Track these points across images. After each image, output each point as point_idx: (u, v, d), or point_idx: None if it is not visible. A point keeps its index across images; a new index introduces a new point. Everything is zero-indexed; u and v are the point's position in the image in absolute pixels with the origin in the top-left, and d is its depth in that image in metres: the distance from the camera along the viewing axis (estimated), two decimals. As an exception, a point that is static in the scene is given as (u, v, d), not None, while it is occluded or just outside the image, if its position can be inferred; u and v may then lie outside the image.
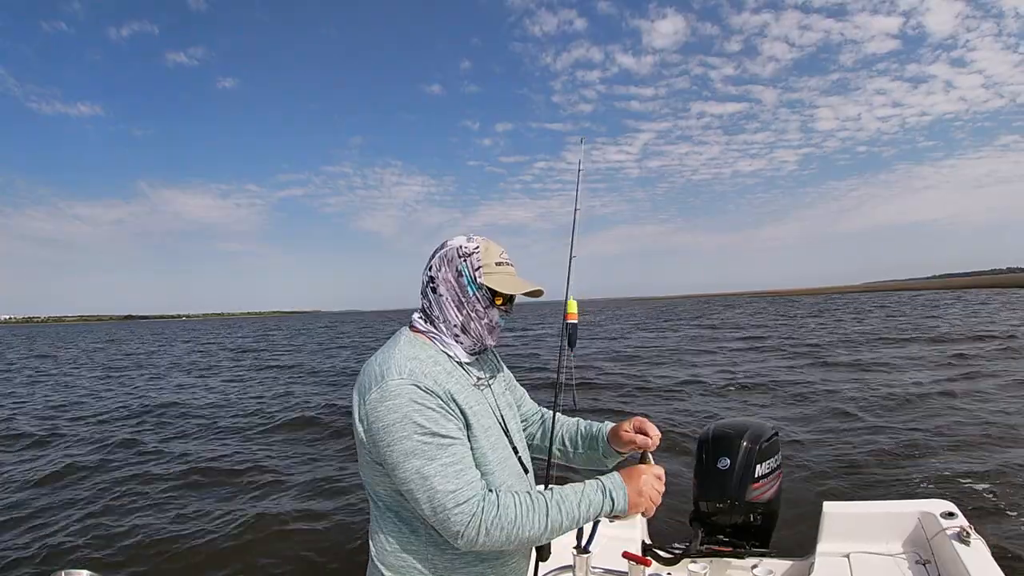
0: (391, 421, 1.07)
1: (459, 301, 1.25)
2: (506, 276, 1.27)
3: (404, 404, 1.07)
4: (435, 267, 1.27)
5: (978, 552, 1.94)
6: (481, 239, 1.29)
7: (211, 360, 21.28)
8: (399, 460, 1.06)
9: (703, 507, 2.46)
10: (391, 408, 1.07)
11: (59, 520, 4.87)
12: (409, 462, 1.06)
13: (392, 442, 1.06)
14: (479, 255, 1.26)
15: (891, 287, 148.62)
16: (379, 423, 1.07)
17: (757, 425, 2.60)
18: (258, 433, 8.07)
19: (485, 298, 1.25)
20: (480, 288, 1.24)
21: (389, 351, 1.18)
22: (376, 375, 1.11)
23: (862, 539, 2.27)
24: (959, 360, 10.98)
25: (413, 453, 1.06)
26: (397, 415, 1.06)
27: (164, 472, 6.17)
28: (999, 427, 5.97)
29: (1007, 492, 4.14)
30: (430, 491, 1.06)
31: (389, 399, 1.07)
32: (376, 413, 1.08)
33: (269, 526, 4.53)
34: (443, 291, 1.25)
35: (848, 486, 4.51)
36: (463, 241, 1.28)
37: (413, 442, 1.06)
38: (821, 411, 7.28)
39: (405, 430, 1.06)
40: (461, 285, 1.25)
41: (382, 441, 1.07)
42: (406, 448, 1.06)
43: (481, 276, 1.24)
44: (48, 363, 22.83)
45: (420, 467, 1.06)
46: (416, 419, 1.07)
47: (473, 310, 1.25)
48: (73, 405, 11.17)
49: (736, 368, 11.91)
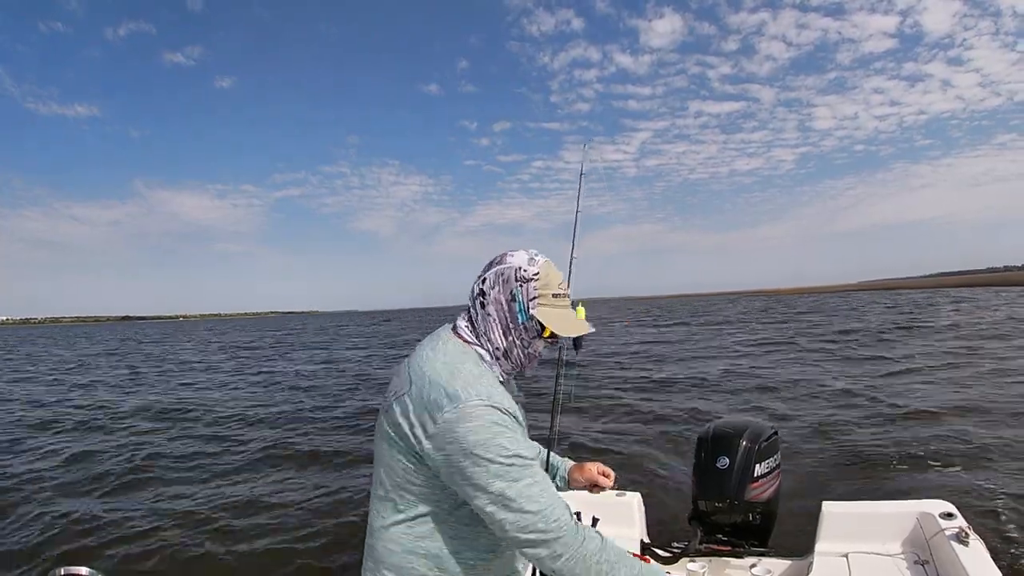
0: (473, 443, 1.03)
1: (506, 326, 1.19)
2: (562, 313, 1.21)
3: (487, 427, 1.04)
4: (489, 281, 1.20)
5: (977, 553, 1.94)
6: (543, 263, 1.21)
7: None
8: (483, 482, 1.04)
9: (702, 506, 2.46)
10: (472, 430, 1.03)
11: (61, 516, 4.85)
12: (494, 484, 1.04)
13: (475, 464, 1.03)
14: (537, 283, 1.18)
15: (887, 286, 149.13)
16: (458, 444, 1.04)
17: (756, 424, 2.60)
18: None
19: (534, 329, 1.19)
20: (531, 319, 1.18)
21: (451, 365, 1.12)
22: (449, 394, 1.06)
23: (861, 539, 2.27)
24: (958, 359, 11.00)
25: (498, 475, 1.04)
26: (479, 437, 1.03)
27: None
28: (998, 427, 5.98)
29: (1006, 493, 4.14)
30: (518, 511, 1.04)
31: (469, 420, 1.04)
32: (454, 434, 1.04)
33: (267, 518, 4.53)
34: (492, 311, 1.19)
35: (847, 486, 4.52)
36: (524, 262, 1.20)
37: (498, 465, 1.03)
38: (820, 411, 7.29)
39: (489, 452, 1.03)
40: (512, 311, 1.18)
41: (461, 463, 1.04)
42: (491, 471, 1.03)
43: (535, 307, 1.18)
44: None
45: (504, 489, 1.04)
46: (500, 441, 1.04)
47: (519, 338, 1.19)
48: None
49: (733, 367, 11.93)
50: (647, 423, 7.18)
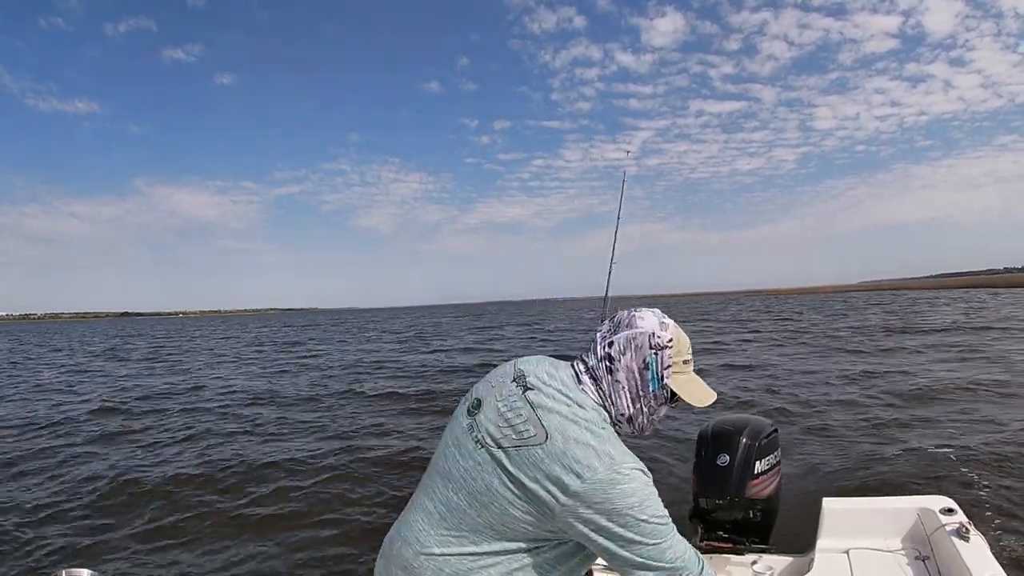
0: (628, 506, 1.05)
1: (636, 394, 1.15)
2: (694, 383, 1.19)
3: (640, 489, 1.06)
4: (618, 346, 1.16)
5: (977, 548, 1.94)
6: (674, 328, 1.19)
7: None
8: (634, 539, 1.06)
9: (702, 504, 2.45)
10: (628, 492, 1.05)
11: (63, 517, 4.85)
12: (645, 541, 1.06)
13: (628, 524, 1.05)
14: (671, 351, 1.16)
15: (888, 286, 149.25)
16: (611, 504, 1.04)
17: (756, 421, 2.60)
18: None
19: (663, 397, 1.17)
20: (664, 388, 1.16)
21: (592, 425, 1.10)
22: (600, 454, 1.06)
23: (862, 535, 2.27)
24: (958, 358, 11.00)
25: (651, 534, 1.06)
26: (634, 500, 1.05)
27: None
28: (999, 423, 5.98)
29: (1007, 488, 4.14)
30: (671, 564, 1.09)
31: (625, 483, 1.05)
32: (608, 495, 1.04)
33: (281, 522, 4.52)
34: (622, 377, 1.15)
35: (848, 482, 4.51)
36: (656, 327, 1.17)
37: (652, 525, 1.06)
38: (820, 407, 7.30)
39: (644, 513, 1.05)
40: (644, 379, 1.15)
41: (611, 521, 1.05)
42: (644, 530, 1.06)
43: (669, 376, 1.16)
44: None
45: (656, 545, 1.07)
46: (651, 503, 1.07)
47: (647, 406, 1.16)
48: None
49: (734, 365, 11.92)
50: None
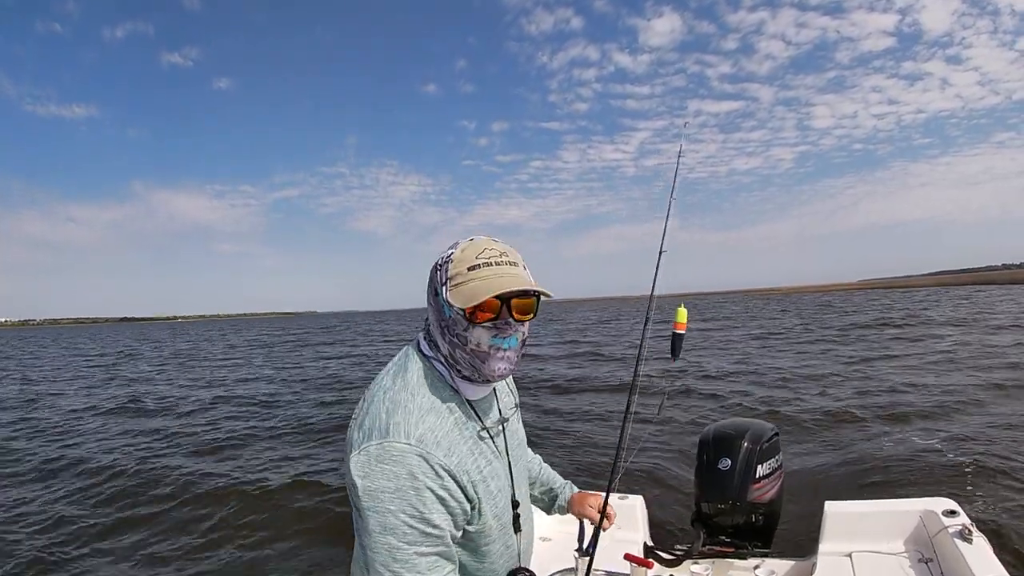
0: (382, 487, 0.91)
1: (439, 327, 1.02)
2: (477, 283, 0.97)
3: (403, 475, 0.91)
4: (426, 285, 1.06)
5: (980, 550, 1.93)
6: (466, 241, 1.04)
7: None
8: (375, 530, 0.92)
9: (705, 508, 2.45)
10: (387, 474, 0.91)
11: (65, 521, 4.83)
12: (384, 537, 0.92)
13: (374, 509, 0.92)
14: (451, 265, 1.00)
15: (887, 285, 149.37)
16: (367, 483, 0.91)
17: (758, 425, 2.60)
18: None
19: (460, 318, 0.99)
20: (451, 307, 0.99)
21: (399, 391, 0.98)
22: (382, 425, 0.94)
23: (864, 538, 2.27)
24: (959, 357, 11.01)
25: (392, 530, 0.92)
26: (391, 484, 0.91)
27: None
28: (1001, 424, 5.98)
29: (1010, 489, 4.14)
30: (393, 574, 0.93)
31: (387, 462, 0.91)
32: (369, 470, 0.91)
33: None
34: (430, 314, 1.05)
35: (850, 485, 4.52)
36: (446, 249, 1.05)
37: (397, 520, 0.91)
38: (822, 410, 7.29)
39: (394, 504, 0.91)
40: (438, 306, 1.02)
41: (366, 504, 0.92)
42: (387, 523, 0.91)
43: (448, 292, 0.99)
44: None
45: (394, 548, 0.92)
46: (410, 498, 0.92)
47: (453, 336, 1.00)
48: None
49: (733, 366, 11.92)
50: (646, 424, 7.16)
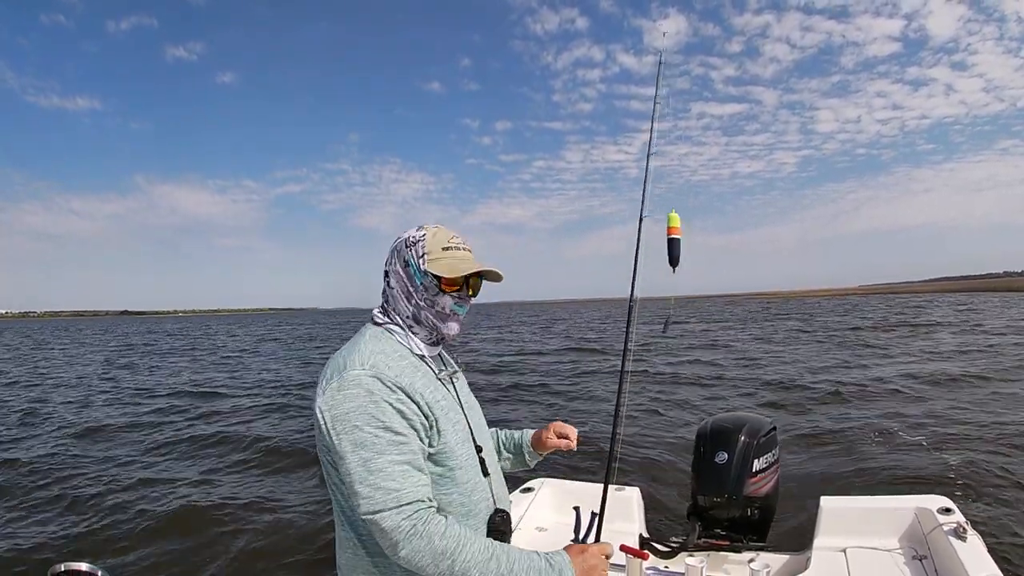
0: (346, 410, 1.05)
1: (407, 291, 1.25)
2: (453, 261, 1.25)
3: (362, 394, 1.06)
4: (388, 260, 1.29)
5: (974, 548, 1.94)
6: (432, 227, 1.29)
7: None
8: (346, 450, 1.04)
9: (701, 501, 2.46)
10: (348, 397, 1.05)
11: (63, 512, 4.85)
12: (356, 453, 1.03)
13: (343, 431, 1.04)
14: (425, 243, 1.25)
15: (887, 290, 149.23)
16: (333, 411, 1.05)
17: (755, 420, 2.60)
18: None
19: (432, 286, 1.24)
20: (425, 275, 1.23)
21: (354, 345, 1.17)
22: (339, 366, 1.11)
23: (859, 534, 2.27)
24: (955, 360, 11.01)
25: (362, 444, 1.03)
26: (353, 404, 1.05)
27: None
28: (997, 424, 5.99)
29: (1005, 488, 4.15)
30: (371, 487, 1.02)
31: (347, 388, 1.06)
32: (333, 401, 1.06)
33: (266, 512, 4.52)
34: (393, 283, 1.27)
35: (846, 481, 4.54)
36: (412, 231, 1.28)
37: (364, 433, 1.03)
38: (819, 406, 7.31)
39: (358, 419, 1.04)
40: (408, 275, 1.25)
41: (334, 430, 1.05)
42: (355, 439, 1.03)
43: (425, 263, 1.24)
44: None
45: (367, 459, 1.03)
46: (371, 410, 1.05)
47: (422, 298, 1.24)
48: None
49: (733, 366, 11.93)
50: (645, 418, 7.18)
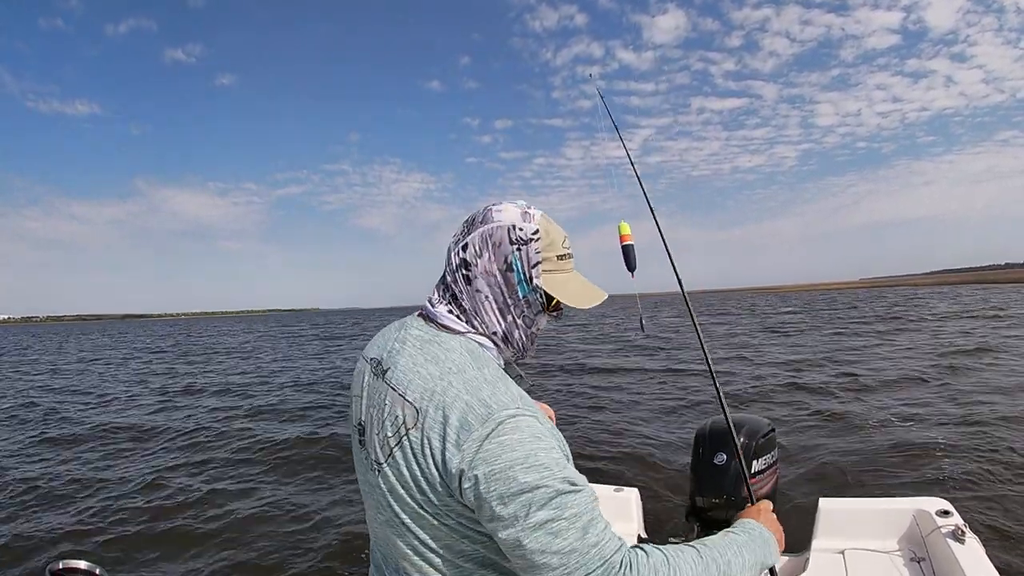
0: (511, 462, 0.78)
1: (504, 303, 0.91)
2: (574, 279, 0.95)
3: (527, 440, 0.79)
4: (475, 248, 0.90)
5: (973, 551, 1.94)
6: (541, 217, 0.93)
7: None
8: (521, 512, 0.78)
9: (699, 502, 2.45)
10: (507, 446, 0.78)
11: (63, 508, 4.86)
12: (533, 515, 0.78)
13: (511, 491, 0.78)
14: (538, 244, 0.90)
15: (888, 283, 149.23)
16: (488, 467, 0.78)
17: (754, 421, 2.59)
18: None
19: (538, 303, 0.92)
20: (536, 291, 0.91)
21: (463, 371, 0.84)
22: (475, 406, 0.80)
23: (857, 535, 2.27)
24: (956, 359, 10.99)
25: (540, 504, 0.78)
26: (518, 455, 0.78)
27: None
28: (998, 424, 5.98)
29: (1003, 490, 4.15)
30: (564, 549, 0.78)
31: (504, 434, 0.79)
32: (486, 454, 0.78)
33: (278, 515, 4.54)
34: (482, 286, 0.90)
35: (844, 482, 4.53)
36: (517, 217, 0.91)
37: (541, 491, 0.78)
38: (818, 407, 7.30)
39: (530, 475, 0.78)
40: (510, 283, 0.90)
41: (495, 490, 0.78)
42: (535, 498, 0.78)
43: (539, 276, 0.90)
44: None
45: (548, 520, 0.78)
46: (544, 459, 0.79)
47: (521, 316, 0.92)
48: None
49: (731, 362, 11.93)
50: (645, 419, 7.19)
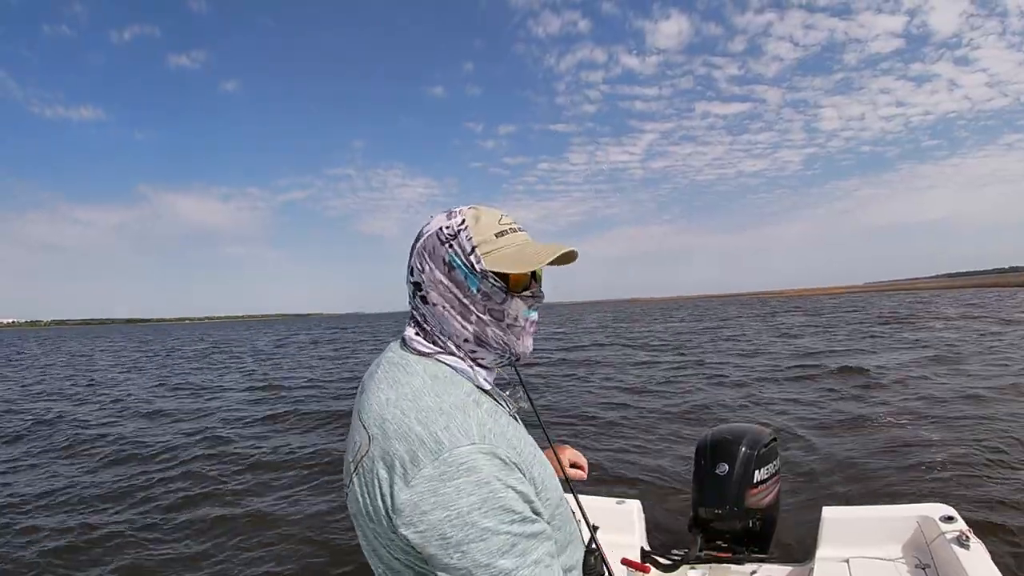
0: (466, 509, 0.71)
1: (462, 305, 0.87)
2: (516, 249, 0.87)
3: (484, 482, 0.73)
4: (417, 266, 0.89)
5: (978, 556, 1.94)
6: (468, 209, 0.90)
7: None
8: (478, 561, 0.71)
9: (702, 513, 2.46)
10: (463, 489, 0.72)
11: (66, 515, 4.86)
12: (496, 564, 0.72)
13: (469, 537, 0.71)
14: (469, 232, 0.87)
15: (893, 288, 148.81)
16: (444, 511, 0.72)
17: (755, 430, 2.60)
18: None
19: (497, 289, 0.86)
20: (484, 277, 0.86)
21: (419, 399, 0.79)
22: (427, 440, 0.75)
23: (861, 544, 2.27)
24: (956, 361, 10.94)
25: (500, 551, 0.72)
26: (474, 500, 0.72)
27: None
28: (1000, 429, 5.94)
29: (1008, 495, 4.12)
30: None
31: (458, 476, 0.72)
32: (438, 497, 0.72)
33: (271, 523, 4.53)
34: (436, 298, 0.87)
35: (847, 490, 4.50)
36: (443, 219, 0.89)
37: (501, 538, 0.72)
38: (820, 415, 7.27)
39: (489, 519, 0.72)
40: (458, 282, 0.86)
41: (451, 536, 0.71)
42: (491, 546, 0.72)
43: (480, 260, 0.86)
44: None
45: (511, 570, 0.72)
46: (504, 503, 0.73)
47: (485, 311, 0.87)
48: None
49: (732, 371, 11.88)
50: (645, 428, 7.16)
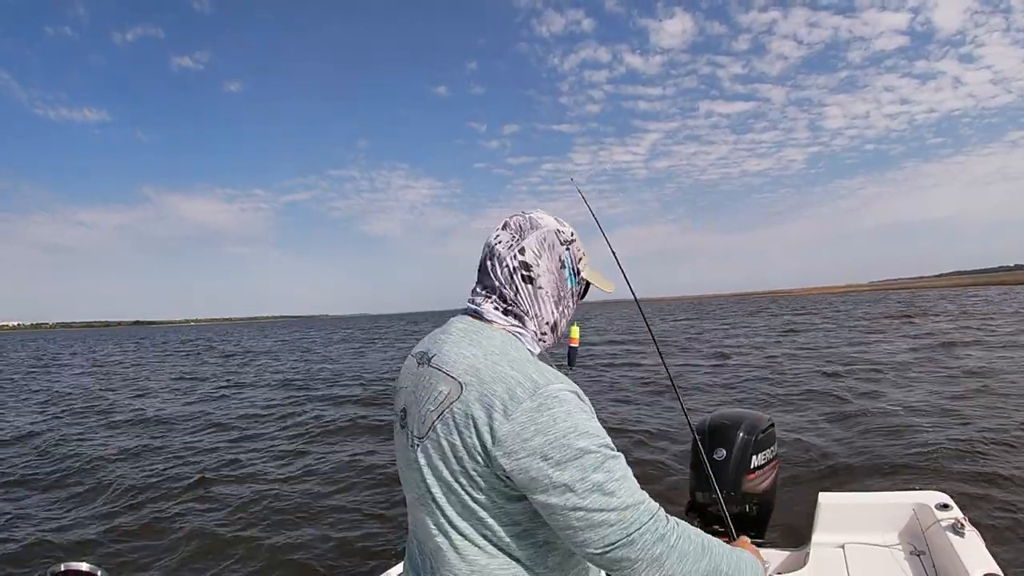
0: (562, 432, 0.85)
1: (558, 296, 1.06)
2: (597, 273, 1.15)
3: (575, 412, 0.88)
4: (533, 251, 1.04)
5: (972, 544, 1.94)
6: (566, 223, 1.12)
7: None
8: (575, 476, 0.85)
9: (699, 498, 2.46)
10: (558, 417, 0.86)
11: (68, 511, 4.91)
12: (589, 478, 0.85)
13: (567, 457, 0.85)
14: (578, 244, 1.10)
15: (898, 287, 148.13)
16: (543, 436, 0.85)
17: (753, 416, 2.60)
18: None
19: (579, 293, 1.11)
20: (579, 283, 1.10)
21: (508, 355, 0.94)
22: (522, 381, 0.89)
23: (857, 530, 2.28)
24: (956, 355, 10.92)
25: (592, 467, 0.85)
26: (568, 424, 0.86)
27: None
28: (995, 419, 5.95)
29: (1003, 484, 4.13)
30: (618, 510, 0.86)
31: (553, 407, 0.87)
32: (537, 425, 0.85)
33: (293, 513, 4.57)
34: (544, 283, 1.04)
35: (844, 477, 4.53)
36: (556, 224, 1.08)
37: (593, 456, 0.86)
38: (818, 402, 7.29)
39: (582, 441, 0.86)
40: (562, 278, 1.07)
41: (552, 456, 0.85)
42: (586, 463, 0.85)
43: (583, 268, 1.10)
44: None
45: (603, 482, 0.86)
46: (591, 428, 0.88)
47: (567, 307, 1.09)
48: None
49: (734, 362, 11.89)
50: (644, 416, 7.18)
